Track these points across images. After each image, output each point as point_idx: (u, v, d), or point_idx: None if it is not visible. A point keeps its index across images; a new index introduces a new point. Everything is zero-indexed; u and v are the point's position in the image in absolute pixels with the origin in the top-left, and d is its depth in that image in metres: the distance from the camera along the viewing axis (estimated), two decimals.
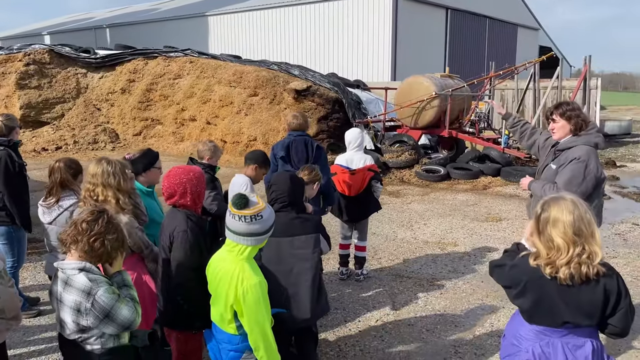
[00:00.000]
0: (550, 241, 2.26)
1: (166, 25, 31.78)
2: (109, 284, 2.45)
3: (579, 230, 2.24)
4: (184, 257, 3.03)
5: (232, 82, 15.04)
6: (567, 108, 3.84)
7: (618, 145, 16.93)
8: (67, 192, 3.76)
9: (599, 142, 3.83)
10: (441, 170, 11.27)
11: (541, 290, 2.32)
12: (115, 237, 2.46)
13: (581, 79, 15.44)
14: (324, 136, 13.30)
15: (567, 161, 3.75)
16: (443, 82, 12.66)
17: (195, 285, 3.07)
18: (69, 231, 2.42)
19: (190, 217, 3.14)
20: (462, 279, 5.76)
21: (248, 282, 2.46)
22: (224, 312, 2.57)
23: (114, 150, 15.51)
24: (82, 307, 2.37)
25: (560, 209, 2.27)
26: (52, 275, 3.68)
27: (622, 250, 6.68)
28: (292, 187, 3.33)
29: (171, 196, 3.17)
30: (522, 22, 33.53)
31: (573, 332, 2.32)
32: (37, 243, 6.38)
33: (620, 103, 44.05)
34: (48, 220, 3.68)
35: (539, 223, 2.31)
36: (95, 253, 2.41)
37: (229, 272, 2.51)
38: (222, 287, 2.56)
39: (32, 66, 16.97)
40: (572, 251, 2.22)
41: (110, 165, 3.30)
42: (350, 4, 24.26)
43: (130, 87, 17.22)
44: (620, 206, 9.11)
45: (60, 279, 2.43)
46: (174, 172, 3.20)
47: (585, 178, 3.69)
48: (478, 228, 7.76)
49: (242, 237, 2.51)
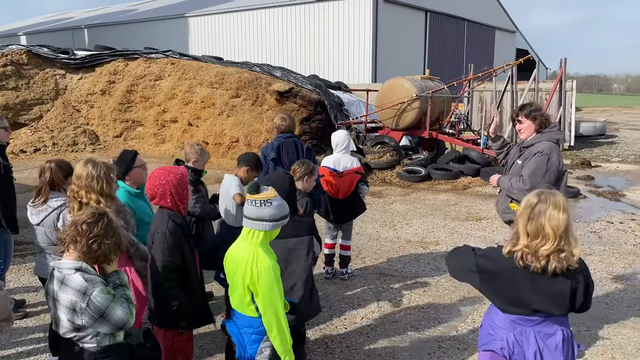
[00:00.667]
0: (540, 229, 2.35)
1: (146, 26, 31.53)
2: (104, 284, 2.50)
3: (567, 229, 2.37)
4: (161, 258, 3.08)
5: (214, 83, 15.03)
6: (531, 109, 4.17)
7: (593, 146, 17.36)
8: (55, 193, 3.76)
9: (560, 139, 4.18)
10: (422, 171, 11.45)
11: (514, 279, 2.43)
12: (113, 241, 2.51)
13: (557, 81, 15.82)
14: (306, 137, 13.36)
15: (531, 155, 4.06)
16: (423, 84, 12.86)
17: (175, 285, 3.12)
18: (68, 231, 2.47)
19: (172, 218, 3.18)
20: (444, 276, 5.90)
21: (262, 265, 2.66)
22: (243, 295, 2.72)
23: (94, 152, 15.35)
24: (78, 307, 2.41)
25: (557, 204, 2.38)
26: (41, 275, 3.71)
27: (597, 248, 6.91)
28: (288, 189, 3.40)
29: (152, 197, 3.23)
30: (499, 25, 34.11)
31: (545, 321, 2.45)
32: (20, 245, 6.34)
33: (595, 104, 45.05)
34: (36, 221, 3.68)
35: (532, 211, 2.39)
36: (92, 254, 2.46)
37: (244, 256, 2.69)
38: (239, 271, 2.71)
39: (9, 67, 16.71)
40: (556, 244, 2.33)
41: (95, 169, 3.32)
42: (331, 6, 24.42)
43: (111, 89, 17.06)
44: (595, 205, 9.39)
45: (57, 278, 2.47)
46: (155, 173, 3.25)
47: (548, 170, 4.00)
48: (459, 227, 7.92)
49: (253, 221, 2.70)
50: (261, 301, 2.68)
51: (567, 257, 2.35)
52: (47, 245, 3.64)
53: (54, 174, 3.71)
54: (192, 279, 3.27)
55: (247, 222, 2.74)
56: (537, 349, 2.40)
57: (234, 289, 2.82)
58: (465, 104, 18.31)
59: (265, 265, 2.66)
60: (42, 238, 3.67)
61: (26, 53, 17.17)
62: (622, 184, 11.25)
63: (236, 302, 2.82)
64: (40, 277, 3.81)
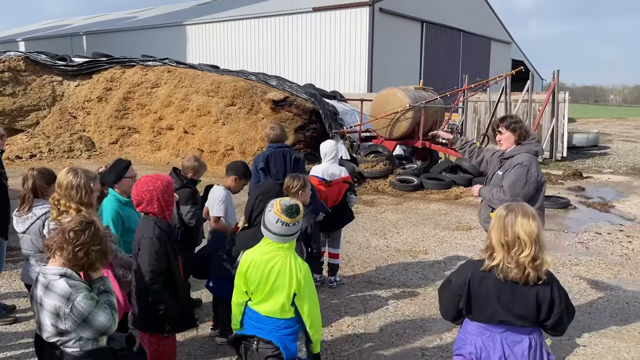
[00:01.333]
0: (515, 238, 2.44)
1: (143, 34, 31.71)
2: (88, 290, 2.56)
3: (539, 236, 2.47)
4: (148, 263, 3.16)
5: (210, 91, 15.15)
6: (511, 121, 4.32)
7: (585, 157, 17.50)
8: (39, 200, 3.79)
9: (539, 150, 4.30)
10: (415, 180, 11.54)
11: (480, 288, 2.53)
12: (99, 249, 2.57)
13: (550, 93, 15.99)
14: (300, 146, 13.47)
15: (512, 166, 4.18)
16: (417, 94, 12.99)
17: (162, 289, 3.20)
18: (55, 238, 2.53)
19: (158, 224, 3.26)
20: (431, 285, 5.97)
21: (304, 267, 2.92)
22: (284, 301, 2.86)
23: (90, 159, 15.43)
24: (61, 312, 2.47)
25: (526, 213, 2.48)
26: (27, 282, 3.77)
27: (583, 258, 6.99)
28: None
29: (139, 203, 3.30)
30: (495, 36, 34.42)
31: (511, 329, 2.53)
32: (12, 251, 6.39)
33: (590, 115, 45.34)
34: (22, 229, 3.72)
35: (504, 222, 2.49)
36: (78, 262, 2.52)
37: (284, 266, 2.87)
38: (280, 280, 2.85)
39: (6, 73, 16.79)
40: (533, 250, 2.42)
41: (75, 178, 3.37)
42: (328, 16, 24.63)
43: (107, 96, 17.16)
44: (584, 216, 9.49)
45: (42, 283, 2.54)
46: (142, 180, 3.33)
47: (528, 181, 4.11)
48: (449, 237, 8.01)
49: (285, 237, 2.91)
50: (307, 301, 2.89)
51: (541, 264, 2.45)
52: (33, 252, 3.70)
53: (36, 181, 3.75)
54: (177, 284, 3.35)
55: (280, 239, 2.89)
56: (503, 355, 2.48)
57: (271, 296, 2.91)
58: (459, 114, 18.47)
59: (306, 266, 2.93)
60: (27, 245, 3.71)
61: (24, 59, 17.26)
62: (613, 195, 11.36)
63: (271, 309, 2.92)
64: (26, 283, 3.86)
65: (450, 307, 2.69)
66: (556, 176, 13.24)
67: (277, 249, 2.91)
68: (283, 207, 2.87)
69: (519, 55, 39.34)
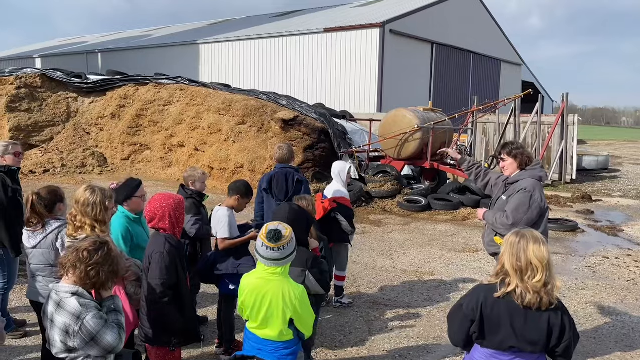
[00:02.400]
0: (528, 263, 2.51)
1: (158, 52, 32.25)
2: (98, 310, 2.63)
3: (549, 262, 2.55)
4: (159, 276, 3.26)
5: (221, 110, 15.37)
6: (512, 147, 4.39)
7: (595, 180, 17.43)
8: (49, 217, 3.85)
9: (542, 176, 4.32)
10: (422, 200, 11.58)
11: (492, 313, 2.58)
12: (111, 269, 2.67)
13: (559, 116, 16.03)
14: (309, 165, 13.59)
15: (515, 191, 4.22)
16: (426, 115, 13.10)
17: (170, 303, 3.30)
18: (70, 256, 2.63)
19: (168, 240, 3.39)
20: (436, 307, 5.99)
21: (297, 291, 2.94)
22: (284, 327, 2.92)
23: (101, 174, 15.65)
24: (71, 330, 2.55)
25: (537, 239, 2.56)
26: (32, 299, 3.84)
27: (590, 283, 6.97)
28: (293, 221, 3.39)
29: (151, 219, 3.43)
30: (505, 58, 34.57)
31: (520, 356, 2.57)
32: (24, 265, 6.49)
33: (601, 137, 45.16)
34: (33, 244, 3.78)
35: (516, 248, 2.56)
36: (90, 280, 2.62)
37: (278, 292, 2.91)
38: (275, 307, 2.89)
39: (23, 90, 17.19)
40: (545, 275, 2.49)
41: (92, 196, 3.52)
42: (338, 36, 24.94)
43: (120, 113, 17.46)
44: (592, 239, 9.45)
45: (54, 300, 2.63)
46: (156, 197, 3.48)
47: (531, 207, 4.13)
48: (455, 258, 8.02)
49: (275, 261, 2.91)
50: (305, 322, 2.97)
51: (552, 289, 2.51)
52: (43, 267, 3.78)
53: (37, 205, 3.81)
54: (184, 298, 3.44)
55: (269, 263, 2.92)
56: None
57: (267, 321, 2.94)
58: (468, 135, 18.53)
59: (300, 289, 2.96)
60: (38, 260, 3.79)
61: (40, 76, 17.67)
62: (622, 219, 11.31)
63: (269, 334, 2.96)
64: (31, 300, 3.93)
65: (461, 332, 2.70)
66: (565, 199, 13.21)
67: (271, 274, 2.93)
68: (267, 231, 2.93)
69: (529, 77, 39.45)
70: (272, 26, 29.81)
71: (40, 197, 3.83)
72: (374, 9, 29.29)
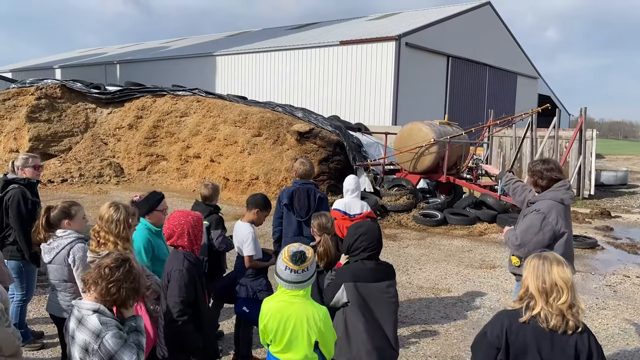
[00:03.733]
0: (553, 285, 2.46)
1: (175, 64, 32.65)
2: (118, 328, 2.61)
3: (573, 283, 2.50)
4: (178, 294, 3.24)
5: (237, 122, 15.47)
6: (532, 165, 4.27)
7: (614, 196, 17.17)
8: (62, 230, 3.82)
9: (565, 199, 4.09)
10: (438, 215, 11.49)
11: (518, 339, 2.52)
12: (132, 286, 2.66)
13: (577, 130, 15.86)
14: (324, 177, 13.59)
15: (530, 211, 4.07)
16: (442, 129, 13.04)
17: (189, 321, 3.28)
18: (92, 273, 2.64)
19: (187, 258, 3.38)
20: (454, 325, 5.91)
21: (321, 312, 2.91)
22: (308, 351, 2.88)
23: (118, 185, 15.79)
24: (90, 348, 2.55)
25: (559, 260, 2.53)
26: (52, 313, 3.85)
27: (611, 302, 6.83)
28: (380, 237, 3.45)
29: (170, 236, 3.43)
30: (521, 71, 34.41)
31: None
32: (42, 276, 6.54)
33: (619, 152, 44.59)
34: (48, 259, 3.79)
35: (540, 270, 2.51)
36: (110, 297, 2.61)
37: (302, 315, 2.88)
38: (299, 329, 2.86)
39: (43, 100, 17.49)
40: (570, 297, 2.44)
41: (116, 213, 3.54)
42: (354, 49, 25.04)
43: (138, 123, 17.66)
44: (612, 257, 9.28)
45: (75, 317, 2.63)
46: (174, 214, 3.49)
47: (542, 229, 3.94)
48: (472, 275, 7.92)
49: (297, 284, 2.89)
50: (330, 344, 2.95)
51: (577, 312, 2.46)
52: (59, 282, 3.80)
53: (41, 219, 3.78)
54: (202, 315, 3.43)
55: (291, 286, 2.89)
56: None
57: (291, 345, 2.90)
58: (484, 149, 18.41)
59: (323, 311, 2.92)
60: (54, 275, 3.80)
61: (60, 87, 17.97)
62: None
63: (294, 357, 2.91)
64: (50, 313, 3.95)
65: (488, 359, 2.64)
66: (583, 215, 13.02)
67: (293, 297, 2.89)
68: (290, 254, 2.88)
69: (545, 90, 39.20)
70: (288, 38, 30.05)
71: (48, 213, 3.80)
72: (390, 21, 29.41)
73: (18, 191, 4.79)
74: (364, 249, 3.33)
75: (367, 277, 3.26)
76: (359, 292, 3.26)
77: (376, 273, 3.30)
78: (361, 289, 3.26)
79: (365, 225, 3.49)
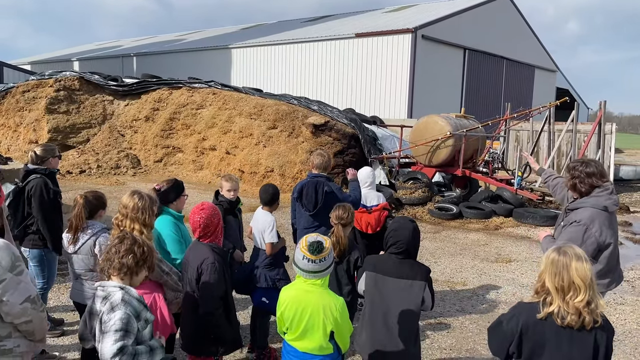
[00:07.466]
0: (570, 282, 2.41)
1: (191, 56, 32.76)
2: (135, 312, 2.60)
3: (592, 279, 2.44)
4: (214, 287, 3.27)
5: (253, 114, 15.51)
6: (573, 173, 3.83)
7: (633, 191, 16.92)
8: (89, 221, 3.90)
9: (609, 205, 3.72)
10: (454, 208, 11.43)
11: (535, 335, 2.49)
12: (141, 250, 2.73)
13: (596, 124, 15.62)
14: (339, 170, 13.59)
15: (569, 223, 3.74)
16: (458, 122, 12.94)
17: (222, 312, 3.33)
18: (104, 259, 2.72)
19: (214, 249, 3.41)
20: (469, 318, 5.89)
21: (339, 303, 2.92)
22: (324, 341, 2.91)
23: (135, 176, 15.96)
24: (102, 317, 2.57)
25: (579, 256, 2.46)
26: (76, 300, 3.92)
27: (629, 298, 6.76)
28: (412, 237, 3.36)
29: (196, 229, 3.45)
30: (539, 64, 33.91)
31: None
32: (62, 265, 6.66)
33: (638, 146, 43.85)
34: (72, 250, 3.85)
35: (557, 266, 2.46)
36: (128, 269, 2.67)
37: (318, 305, 2.90)
38: (315, 318, 2.89)
39: (62, 92, 17.70)
40: (588, 295, 2.40)
41: (141, 201, 3.57)
42: (370, 42, 24.89)
43: (154, 116, 17.80)
44: (631, 253, 9.16)
45: (99, 295, 2.65)
46: (199, 207, 3.52)
47: (585, 242, 3.62)
48: (487, 268, 7.88)
49: (315, 273, 2.92)
50: (345, 335, 2.97)
51: (596, 307, 2.42)
52: (85, 271, 3.86)
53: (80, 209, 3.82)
54: (231, 307, 3.47)
55: (309, 275, 2.91)
56: None
57: (307, 334, 2.93)
58: (501, 142, 18.23)
59: (341, 301, 2.94)
60: (79, 265, 3.86)
61: (79, 79, 18.17)
62: None
63: (308, 346, 2.94)
64: (75, 301, 4.02)
65: (500, 350, 2.64)
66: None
67: (311, 286, 2.92)
68: (307, 244, 2.91)
69: (563, 84, 38.61)
70: (303, 31, 29.97)
71: (87, 201, 3.88)
72: (406, 14, 29.16)
73: (41, 181, 4.86)
74: (392, 244, 3.35)
75: (387, 271, 3.28)
76: (376, 282, 3.29)
77: (398, 269, 3.28)
78: (379, 281, 3.29)
79: (399, 222, 3.46)
